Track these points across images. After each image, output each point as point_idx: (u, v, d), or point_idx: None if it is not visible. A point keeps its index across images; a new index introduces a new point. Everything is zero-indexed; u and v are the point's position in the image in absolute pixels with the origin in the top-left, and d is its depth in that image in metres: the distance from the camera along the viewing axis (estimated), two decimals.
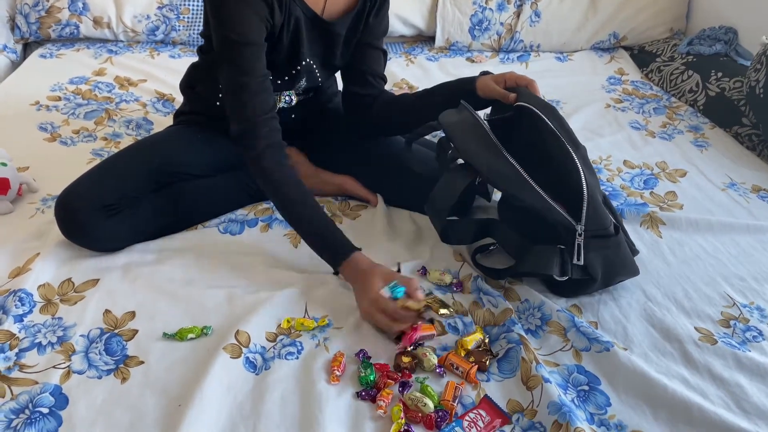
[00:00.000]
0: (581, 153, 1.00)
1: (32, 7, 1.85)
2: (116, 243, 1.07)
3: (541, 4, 2.00)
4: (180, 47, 1.93)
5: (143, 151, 1.15)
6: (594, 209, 0.95)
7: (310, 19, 1.12)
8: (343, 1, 1.16)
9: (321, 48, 1.17)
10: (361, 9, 1.18)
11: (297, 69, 1.17)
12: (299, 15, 1.10)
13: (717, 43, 1.83)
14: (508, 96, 1.06)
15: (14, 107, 1.54)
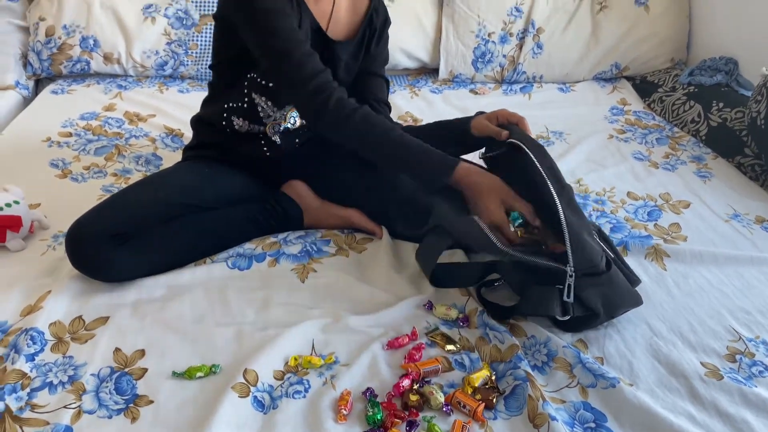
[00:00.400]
0: (566, 193, 1.01)
1: (44, 44, 1.89)
2: (124, 274, 1.09)
3: (543, 36, 2.03)
4: (188, 81, 1.97)
5: (152, 184, 1.18)
6: (581, 249, 0.97)
7: (315, 31, 1.17)
8: (344, 26, 1.21)
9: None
10: (361, 38, 1.23)
11: None
12: (306, 25, 1.15)
13: (718, 74, 1.86)
14: (500, 133, 1.10)
15: (27, 144, 1.57)
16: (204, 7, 1.95)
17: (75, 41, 1.89)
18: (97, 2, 1.90)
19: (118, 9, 1.90)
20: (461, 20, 2.02)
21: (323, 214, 1.29)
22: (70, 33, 1.89)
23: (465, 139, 1.13)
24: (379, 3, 1.25)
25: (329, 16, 1.17)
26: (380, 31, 1.24)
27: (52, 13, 1.89)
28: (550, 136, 1.75)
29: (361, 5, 1.23)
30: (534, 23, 2.02)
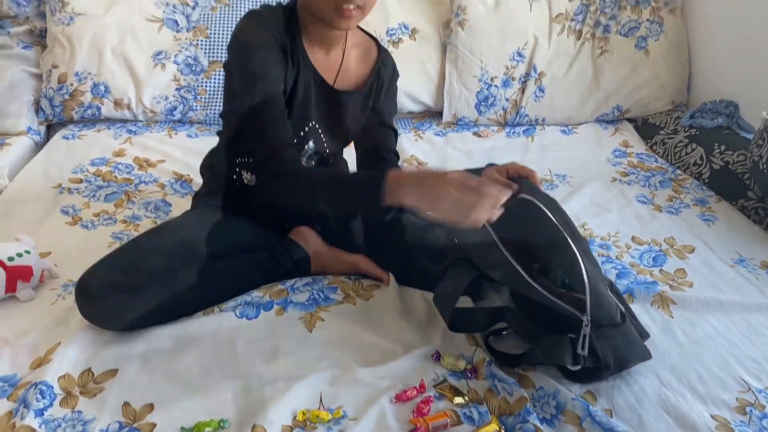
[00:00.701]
0: (582, 246, 1.02)
1: (57, 90, 1.93)
2: (133, 323, 1.09)
3: (545, 80, 2.07)
4: (197, 126, 2.00)
5: (161, 234, 1.19)
6: (598, 300, 0.97)
7: (320, 85, 1.19)
8: (353, 79, 1.24)
9: (328, 115, 1.24)
10: (369, 89, 1.25)
11: (305, 130, 1.23)
12: (310, 81, 1.17)
13: (719, 117, 1.88)
14: (511, 186, 1.11)
15: (39, 190, 1.59)
16: (213, 54, 1.99)
17: (86, 87, 1.93)
18: (108, 50, 1.94)
19: (129, 56, 1.95)
20: (464, 65, 2.06)
21: (330, 261, 1.30)
22: (81, 80, 1.93)
23: None
24: (387, 56, 1.28)
25: (338, 68, 1.20)
26: (388, 83, 1.27)
27: (65, 61, 1.93)
28: (553, 179, 1.77)
29: (370, 57, 1.26)
30: (536, 67, 2.06)
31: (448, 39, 2.09)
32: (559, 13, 2.08)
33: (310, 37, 1.16)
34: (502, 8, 2.05)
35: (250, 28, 1.11)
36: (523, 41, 2.05)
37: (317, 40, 1.16)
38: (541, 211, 1.03)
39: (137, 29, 1.96)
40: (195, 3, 2.02)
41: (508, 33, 2.05)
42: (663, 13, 2.10)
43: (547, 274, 1.06)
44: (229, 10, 2.03)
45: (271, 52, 1.09)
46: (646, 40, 2.09)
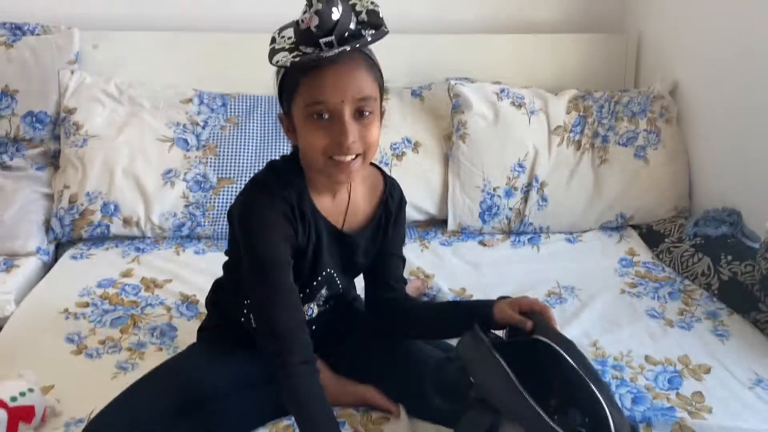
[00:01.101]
0: (605, 391, 1.00)
1: (67, 210, 1.96)
2: None
3: (547, 190, 2.10)
4: (205, 242, 2.02)
5: (166, 376, 1.17)
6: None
7: (331, 232, 1.19)
8: (361, 217, 1.24)
9: (340, 257, 1.24)
10: (377, 223, 1.26)
11: (318, 280, 1.22)
12: (321, 230, 1.17)
13: (722, 225, 1.89)
14: (525, 323, 1.10)
15: (44, 316, 1.58)
16: (222, 171, 2.04)
17: (96, 207, 1.96)
18: (119, 170, 1.99)
19: (139, 175, 1.99)
20: (466, 176, 2.10)
21: (339, 392, 1.28)
22: (92, 199, 1.96)
23: (487, 325, 1.14)
24: (393, 186, 1.28)
25: (346, 209, 1.20)
26: (396, 214, 1.27)
27: (77, 181, 1.98)
28: (561, 291, 1.76)
29: (376, 190, 1.26)
30: (537, 177, 2.09)
31: (449, 151, 2.14)
32: (558, 125, 2.14)
33: (316, 185, 1.15)
34: (502, 122, 2.11)
35: (258, 209, 1.09)
36: (524, 153, 2.10)
37: (323, 187, 1.16)
38: (559, 354, 1.01)
39: (148, 149, 2.02)
40: (205, 123, 2.09)
41: (508, 145, 2.10)
42: (659, 124, 2.16)
43: (566, 411, 1.04)
44: (237, 129, 2.10)
45: (278, 231, 1.09)
46: (645, 149, 2.13)
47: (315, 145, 1.04)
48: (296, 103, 1.05)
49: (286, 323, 1.07)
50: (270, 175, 1.14)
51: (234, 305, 1.24)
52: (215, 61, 2.22)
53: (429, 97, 2.26)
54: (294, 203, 1.11)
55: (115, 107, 2.08)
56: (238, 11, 2.28)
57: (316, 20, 0.96)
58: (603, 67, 2.39)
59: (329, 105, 1.01)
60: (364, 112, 1.04)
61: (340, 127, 1.02)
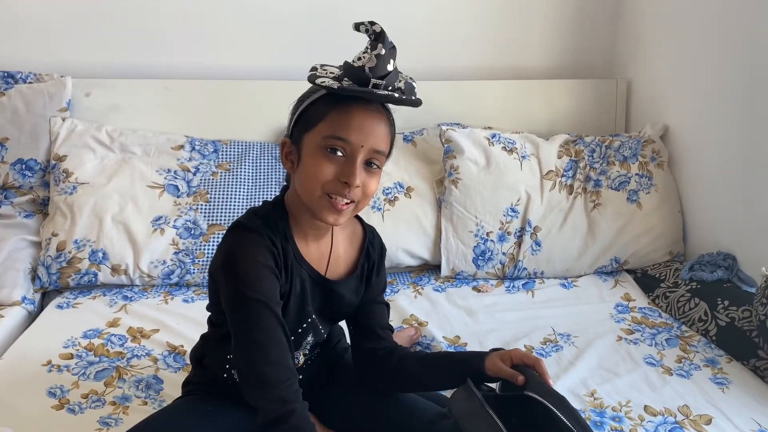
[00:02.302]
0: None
1: (54, 258, 1.93)
2: None
3: (540, 234, 2.08)
4: (194, 289, 1.98)
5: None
6: None
7: (314, 279, 1.17)
8: (342, 264, 1.23)
9: (323, 304, 1.22)
10: (360, 273, 1.24)
11: (303, 327, 1.19)
12: (305, 276, 1.15)
13: (718, 269, 1.88)
14: (516, 377, 1.07)
15: (26, 369, 1.53)
16: (212, 218, 2.02)
17: (84, 255, 1.93)
18: (109, 217, 1.97)
19: (128, 222, 1.97)
20: (459, 221, 2.09)
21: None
22: (80, 247, 1.93)
23: (480, 377, 1.11)
24: (374, 235, 1.27)
25: (328, 257, 1.19)
26: (378, 262, 1.26)
27: (65, 229, 1.95)
28: (558, 339, 1.73)
29: (356, 238, 1.25)
30: (530, 222, 2.08)
31: (442, 196, 2.13)
32: (549, 170, 2.14)
33: (301, 229, 1.14)
34: (494, 167, 2.11)
35: (242, 247, 1.07)
36: (516, 197, 2.10)
37: (308, 232, 1.15)
38: (552, 412, 0.98)
39: (138, 196, 2.01)
40: (196, 169, 2.08)
41: (500, 190, 2.10)
42: (651, 168, 2.16)
43: None
44: (229, 175, 2.09)
45: (267, 270, 1.06)
46: (638, 193, 2.13)
47: (319, 176, 1.04)
48: (314, 131, 1.05)
49: (282, 372, 1.03)
50: (253, 217, 1.12)
51: (216, 361, 1.21)
52: (207, 108, 2.23)
53: (421, 142, 2.27)
54: (279, 245, 1.09)
55: (106, 154, 2.07)
56: (230, 60, 2.29)
57: (373, 62, 1.00)
58: (594, 112, 2.41)
59: (349, 144, 1.03)
60: (373, 164, 1.07)
61: (350, 168, 1.03)
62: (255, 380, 1.05)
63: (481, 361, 1.12)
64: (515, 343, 1.69)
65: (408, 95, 1.05)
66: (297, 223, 1.14)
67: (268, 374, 1.03)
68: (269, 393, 1.03)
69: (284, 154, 1.11)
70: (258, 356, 1.04)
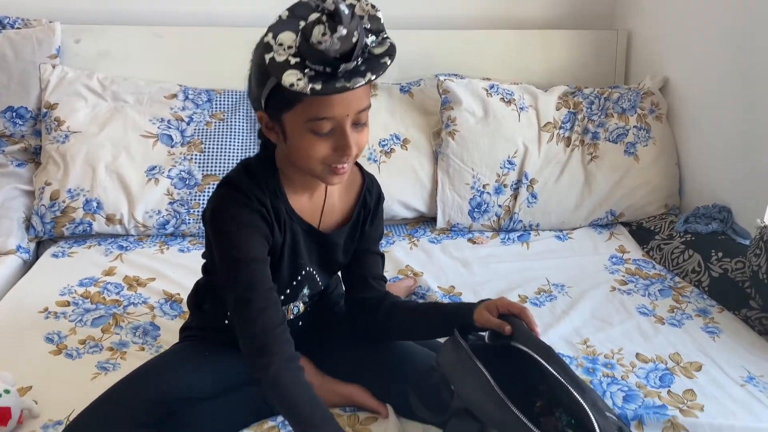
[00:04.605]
0: (588, 395, 0.98)
1: (48, 208, 1.92)
2: None
3: (536, 187, 2.08)
4: (189, 239, 1.98)
5: (148, 379, 1.14)
6: None
7: (308, 231, 1.17)
8: (337, 216, 1.22)
9: (319, 255, 1.22)
10: (356, 220, 1.23)
11: (298, 279, 1.20)
12: (297, 229, 1.14)
13: (713, 222, 1.88)
14: (503, 327, 1.07)
15: (23, 316, 1.54)
16: (207, 168, 2.00)
17: (78, 204, 1.92)
18: (102, 166, 1.95)
19: (122, 172, 1.95)
20: (455, 173, 2.08)
21: (325, 391, 1.24)
22: (74, 196, 1.92)
23: (468, 329, 1.12)
24: (372, 182, 1.26)
25: (322, 208, 1.18)
26: (374, 210, 1.25)
27: (58, 178, 1.94)
28: (552, 289, 1.74)
29: (354, 186, 1.23)
30: (527, 174, 2.07)
31: (439, 148, 2.12)
32: (548, 122, 2.12)
33: (292, 185, 1.13)
34: (491, 118, 2.09)
35: (228, 207, 1.06)
36: (513, 149, 2.08)
37: (299, 187, 1.13)
38: (539, 363, 0.99)
39: (131, 145, 1.98)
40: (190, 119, 2.06)
41: (497, 142, 2.08)
42: (649, 120, 2.15)
43: (552, 412, 1.02)
44: (223, 125, 2.06)
45: (252, 230, 1.05)
46: (635, 146, 2.12)
47: (315, 155, 1.02)
48: (294, 112, 0.99)
49: (264, 323, 1.04)
50: (243, 175, 1.10)
51: (215, 308, 1.21)
52: (200, 57, 2.19)
53: (418, 93, 2.24)
54: (268, 203, 1.08)
55: (98, 102, 2.04)
56: (223, 7, 2.24)
57: (337, 45, 0.90)
58: (593, 64, 2.38)
59: (334, 119, 0.99)
60: (361, 122, 1.03)
61: (343, 140, 1.01)
62: (244, 335, 1.05)
63: (469, 312, 1.13)
64: (509, 293, 1.71)
65: (372, 33, 0.96)
66: (288, 179, 1.12)
67: (255, 330, 1.04)
68: (255, 343, 1.04)
69: (265, 128, 1.07)
70: (245, 311, 1.04)
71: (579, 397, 0.94)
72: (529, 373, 1.03)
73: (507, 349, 1.07)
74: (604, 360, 1.43)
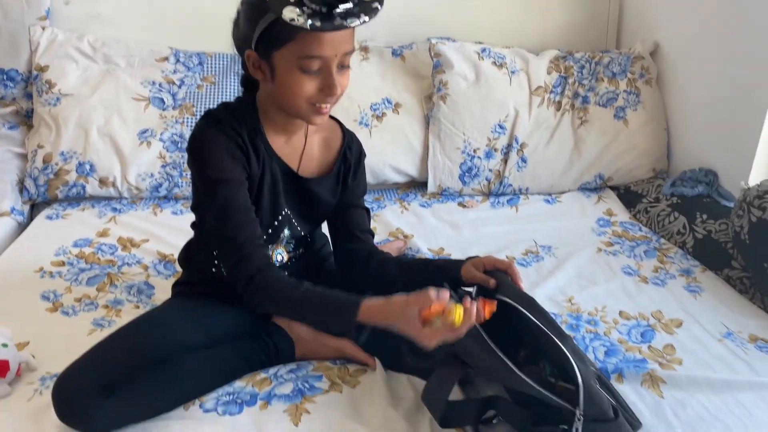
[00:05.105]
0: (569, 344, 1.02)
1: (41, 170, 1.93)
2: (112, 425, 1.06)
3: (526, 151, 2.10)
4: (182, 202, 2.00)
5: (141, 329, 1.17)
6: (590, 396, 0.96)
7: (286, 173, 1.21)
8: (316, 164, 1.26)
9: (298, 201, 1.25)
10: (336, 173, 1.27)
11: (279, 219, 1.23)
12: (276, 170, 1.18)
13: (699, 185, 1.91)
14: (488, 281, 1.11)
15: (19, 275, 1.57)
16: None
17: (71, 167, 1.93)
18: (94, 129, 1.95)
19: (114, 135, 1.96)
20: (447, 137, 2.09)
21: (315, 345, 1.28)
22: (67, 159, 1.93)
23: (456, 284, 1.16)
24: (353, 139, 1.30)
25: (300, 155, 1.21)
26: (355, 165, 1.29)
27: (51, 141, 1.94)
28: (539, 250, 1.77)
29: (334, 142, 1.27)
30: (517, 139, 2.09)
31: (430, 112, 2.13)
32: (539, 86, 2.13)
33: (272, 125, 1.17)
34: (483, 82, 2.10)
35: (205, 133, 1.11)
36: (504, 114, 2.09)
37: (279, 128, 1.18)
38: (522, 313, 1.03)
39: (123, 109, 1.99)
40: (181, 82, 2.06)
41: (489, 106, 2.09)
42: (639, 84, 2.16)
43: (536, 362, 1.06)
44: (214, 88, 2.06)
45: (227, 153, 1.10)
46: (625, 110, 2.14)
47: (302, 93, 1.07)
48: (285, 50, 1.04)
49: (243, 238, 1.09)
50: (223, 110, 1.15)
51: (204, 258, 1.25)
52: (191, 19, 2.17)
53: (410, 56, 2.24)
54: (245, 135, 1.13)
55: (89, 65, 2.03)
56: None
57: None
58: (584, 28, 2.38)
59: (323, 58, 1.04)
60: (345, 64, 1.09)
61: (329, 80, 1.06)
62: (224, 253, 1.11)
63: (457, 267, 1.17)
64: (497, 255, 1.69)
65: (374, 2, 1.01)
66: (269, 119, 1.17)
67: (233, 245, 1.09)
68: (235, 256, 1.09)
69: (252, 67, 1.11)
70: (224, 230, 1.10)
71: (560, 344, 0.98)
72: (513, 326, 1.06)
73: None
74: (587, 317, 1.47)
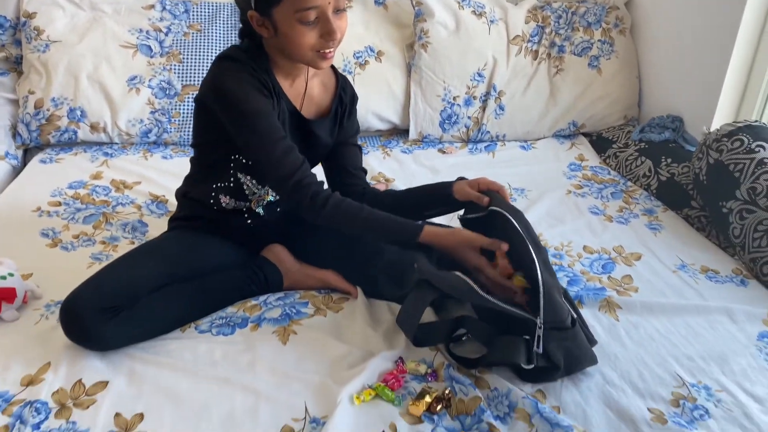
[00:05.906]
0: (542, 255, 1.13)
1: (33, 116, 1.98)
2: (116, 343, 1.16)
3: (504, 98, 2.18)
4: (171, 147, 2.07)
5: (141, 256, 1.26)
6: (551, 304, 1.07)
7: (293, 114, 1.29)
8: (315, 107, 1.34)
9: (301, 141, 1.33)
10: (334, 115, 1.36)
11: None
12: (284, 108, 1.27)
13: (666, 131, 2.01)
14: (482, 198, 1.22)
15: (17, 214, 1.64)
16: (186, 78, 2.07)
17: (63, 112, 1.99)
18: (84, 76, 2.00)
19: (104, 81, 2.01)
20: (428, 85, 2.16)
21: (302, 276, 1.39)
22: (58, 105, 1.98)
23: (447, 202, 1.26)
24: (346, 82, 1.38)
25: (302, 97, 1.29)
26: (350, 106, 1.38)
27: (41, 87, 1.99)
28: (512, 193, 1.87)
29: (330, 85, 1.36)
30: (495, 87, 2.17)
31: (412, 61, 2.19)
32: (516, 35, 2.19)
33: (279, 69, 1.25)
34: (463, 31, 2.16)
35: (230, 74, 1.18)
36: (483, 62, 2.17)
37: (285, 71, 1.26)
38: (509, 221, 1.13)
39: (112, 55, 2.03)
40: (168, 29, 2.10)
41: (468, 55, 2.16)
42: (613, 34, 2.23)
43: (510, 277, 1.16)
44: (201, 36, 2.11)
45: (254, 88, 1.17)
46: (599, 59, 2.21)
47: (305, 44, 1.16)
48: (283, 5, 1.13)
49: (291, 164, 1.18)
50: (238, 50, 1.23)
51: (203, 192, 1.33)
52: None
53: (392, 5, 2.29)
54: (263, 75, 1.21)
55: (76, 12, 2.06)
56: None
57: None
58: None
59: (318, 7, 1.12)
60: (341, 7, 1.17)
61: (328, 27, 1.14)
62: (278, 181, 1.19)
63: (449, 187, 1.27)
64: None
65: None
66: (276, 64, 1.25)
67: (285, 172, 1.18)
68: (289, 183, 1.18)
69: (257, 26, 1.19)
70: (270, 160, 1.18)
71: (533, 253, 1.08)
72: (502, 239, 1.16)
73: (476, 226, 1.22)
74: (553, 251, 1.58)
